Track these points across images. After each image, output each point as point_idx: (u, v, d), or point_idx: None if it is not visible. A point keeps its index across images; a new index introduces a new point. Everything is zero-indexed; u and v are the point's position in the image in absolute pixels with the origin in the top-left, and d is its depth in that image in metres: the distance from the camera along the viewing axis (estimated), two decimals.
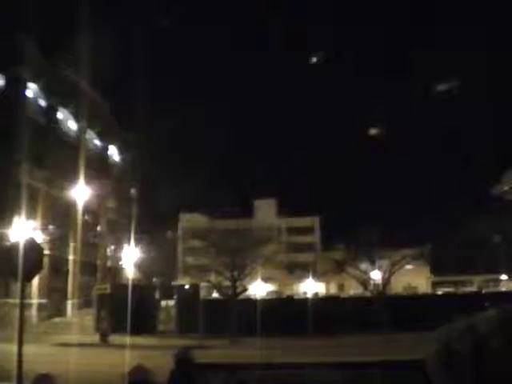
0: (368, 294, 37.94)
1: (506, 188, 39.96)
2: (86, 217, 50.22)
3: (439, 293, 61.12)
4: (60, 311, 43.92)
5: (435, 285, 74.70)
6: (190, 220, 53.55)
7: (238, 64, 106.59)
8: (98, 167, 53.98)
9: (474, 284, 69.72)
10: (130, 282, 38.52)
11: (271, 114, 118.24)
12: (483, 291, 54.33)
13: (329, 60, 46.03)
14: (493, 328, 1.46)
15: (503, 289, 57.44)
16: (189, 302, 37.24)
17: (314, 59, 42.09)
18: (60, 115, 47.47)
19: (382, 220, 40.29)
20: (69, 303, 45.57)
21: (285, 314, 34.69)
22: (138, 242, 46.85)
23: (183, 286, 40.67)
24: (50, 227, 41.86)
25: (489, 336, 1.44)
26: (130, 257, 48.32)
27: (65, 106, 47.82)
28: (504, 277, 53.11)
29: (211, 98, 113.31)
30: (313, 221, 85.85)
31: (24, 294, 10.93)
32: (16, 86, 40.31)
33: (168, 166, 69.23)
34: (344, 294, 61.76)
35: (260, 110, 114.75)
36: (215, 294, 45.64)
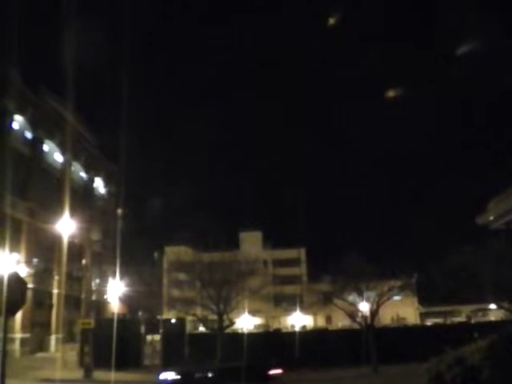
0: (356, 325, 37.60)
1: (491, 217, 40.13)
2: (71, 249, 49.70)
3: (428, 324, 60.85)
4: (43, 346, 43.11)
5: (424, 315, 74.47)
6: (175, 252, 53.09)
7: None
8: (83, 199, 53.74)
9: (462, 314, 69.59)
10: (115, 316, 37.88)
11: (257, 143, 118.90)
12: (472, 321, 54.19)
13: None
14: (481, 360, 1.39)
15: (492, 318, 57.38)
16: (174, 336, 36.68)
17: (332, 20, 41.41)
18: (46, 147, 47.33)
19: (369, 251, 40.20)
20: (52, 338, 44.76)
21: (272, 347, 34.19)
22: (123, 274, 46.32)
23: (169, 320, 40.10)
24: (34, 260, 41.33)
25: (478, 368, 1.37)
26: (115, 290, 47.70)
27: (51, 138, 47.73)
28: (492, 306, 53.08)
29: (194, 127, 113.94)
30: (299, 252, 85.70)
31: (7, 328, 10.68)
32: (2, 117, 40.20)
33: (154, 199, 69.23)
34: (332, 327, 61.35)
35: (246, 139, 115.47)
36: (201, 328, 45.01)
